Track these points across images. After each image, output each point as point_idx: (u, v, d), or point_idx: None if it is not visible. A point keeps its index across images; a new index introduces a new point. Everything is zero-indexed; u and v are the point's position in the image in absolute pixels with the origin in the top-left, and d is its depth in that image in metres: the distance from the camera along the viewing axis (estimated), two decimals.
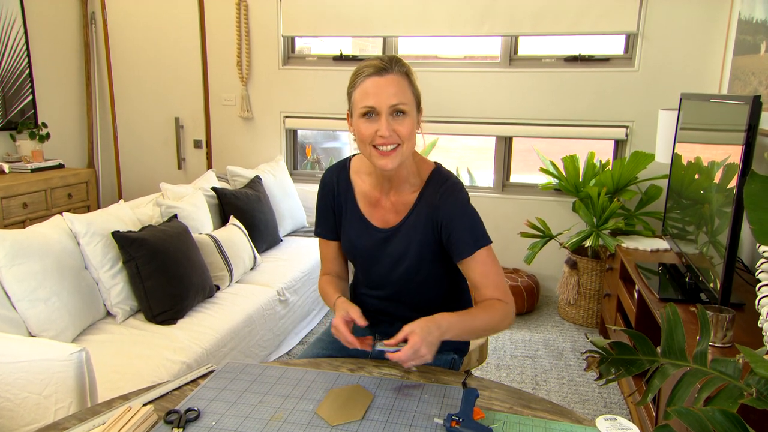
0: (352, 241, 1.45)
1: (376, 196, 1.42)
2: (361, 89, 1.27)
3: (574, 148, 3.48)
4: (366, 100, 1.26)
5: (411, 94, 1.29)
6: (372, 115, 1.27)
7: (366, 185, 1.44)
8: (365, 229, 1.43)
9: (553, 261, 3.64)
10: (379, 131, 1.26)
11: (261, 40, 3.95)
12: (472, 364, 1.80)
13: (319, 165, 4.42)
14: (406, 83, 1.28)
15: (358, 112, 1.29)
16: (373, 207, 1.43)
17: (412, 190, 1.39)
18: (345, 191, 1.46)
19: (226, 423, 1.11)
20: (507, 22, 3.47)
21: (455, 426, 1.06)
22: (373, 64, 1.27)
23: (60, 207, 3.53)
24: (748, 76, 2.67)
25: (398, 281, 1.43)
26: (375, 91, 1.25)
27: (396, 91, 1.25)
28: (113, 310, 2.26)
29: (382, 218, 1.42)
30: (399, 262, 1.40)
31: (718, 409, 0.72)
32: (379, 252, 1.42)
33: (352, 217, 1.44)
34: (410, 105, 1.28)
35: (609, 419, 0.92)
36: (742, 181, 1.77)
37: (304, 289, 3.02)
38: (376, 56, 1.31)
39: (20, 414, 1.58)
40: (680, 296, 2.11)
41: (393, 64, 1.27)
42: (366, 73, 1.27)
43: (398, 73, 1.27)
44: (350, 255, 1.49)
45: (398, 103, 1.26)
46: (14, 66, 3.74)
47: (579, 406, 2.47)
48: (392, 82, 1.26)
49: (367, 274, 1.48)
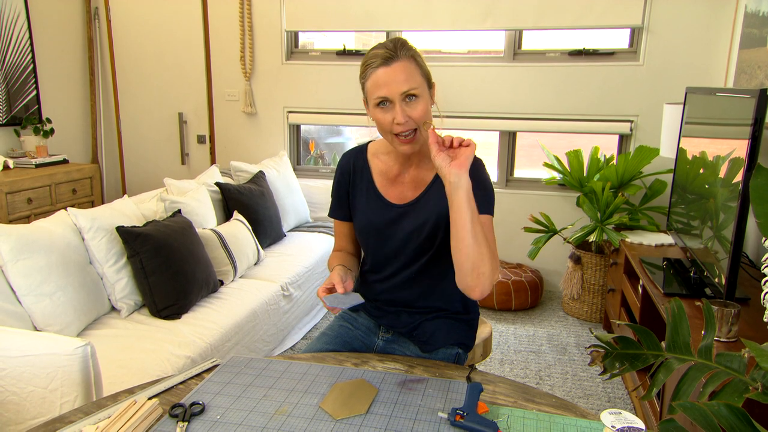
0: (368, 217, 1.47)
1: (395, 173, 1.46)
2: (371, 80, 1.31)
3: (579, 142, 3.47)
4: (378, 91, 1.30)
5: (420, 76, 1.31)
6: (386, 104, 1.31)
7: (384, 164, 1.48)
8: (381, 206, 1.46)
9: (557, 256, 3.64)
10: (395, 119, 1.30)
11: (264, 35, 3.95)
12: (476, 359, 1.80)
13: (322, 160, 4.42)
14: (414, 66, 1.30)
15: (373, 102, 1.33)
16: (391, 183, 1.46)
17: (432, 165, 1.42)
18: (361, 171, 1.50)
19: (230, 417, 1.12)
20: (510, 17, 3.46)
21: (459, 420, 1.06)
22: (380, 53, 1.30)
23: (64, 202, 3.54)
24: (755, 70, 2.65)
25: (411, 257, 1.44)
26: (385, 81, 1.28)
27: (405, 77, 1.28)
28: (118, 305, 2.27)
29: (400, 194, 1.45)
30: (412, 236, 1.42)
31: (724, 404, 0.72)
32: (394, 227, 1.44)
33: (369, 195, 1.47)
34: (421, 87, 1.31)
35: (614, 413, 0.92)
36: (748, 175, 1.76)
37: (307, 284, 3.02)
38: (381, 43, 1.33)
39: (26, 408, 1.59)
40: (685, 291, 2.10)
41: (398, 49, 1.29)
42: (374, 64, 1.30)
43: (405, 58, 1.29)
44: (364, 233, 1.50)
45: (409, 89, 1.28)
46: (18, 61, 3.75)
47: (583, 400, 2.47)
48: (400, 69, 1.28)
49: (379, 252, 1.49)
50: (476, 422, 1.05)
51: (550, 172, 3.49)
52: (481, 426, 1.04)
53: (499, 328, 3.19)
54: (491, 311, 3.42)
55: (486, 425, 1.04)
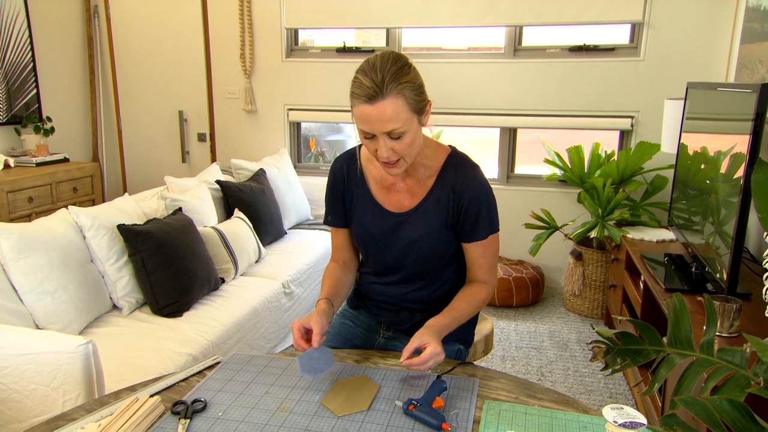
0: (365, 226, 1.45)
1: (390, 180, 1.43)
2: (356, 111, 1.24)
3: (579, 138, 3.47)
4: (362, 125, 1.24)
5: (408, 111, 1.22)
6: (370, 137, 1.26)
7: (379, 172, 1.44)
8: (379, 214, 1.43)
9: (558, 252, 3.63)
10: (379, 152, 1.26)
11: (264, 33, 3.94)
12: (478, 356, 1.80)
13: (323, 158, 4.42)
14: (401, 102, 1.21)
15: (358, 128, 1.28)
16: (387, 191, 1.43)
17: (429, 173, 1.40)
18: (356, 178, 1.46)
19: (232, 413, 1.12)
20: (511, 12, 3.45)
21: (412, 410, 1.11)
22: (365, 87, 1.20)
23: (65, 201, 3.54)
24: (756, 65, 2.64)
25: (412, 264, 1.44)
26: (368, 119, 1.22)
27: (390, 117, 1.20)
28: (119, 303, 2.27)
29: (397, 203, 1.42)
30: (413, 245, 1.41)
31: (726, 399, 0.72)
32: (393, 236, 1.42)
33: (365, 203, 1.45)
34: (407, 123, 1.23)
35: (616, 408, 0.92)
36: (750, 170, 1.76)
37: (309, 281, 3.02)
38: (370, 68, 1.22)
39: (28, 406, 1.59)
40: (686, 286, 2.10)
41: (385, 86, 1.19)
42: (359, 97, 1.22)
43: (391, 96, 1.19)
44: (362, 241, 1.48)
45: (392, 129, 1.22)
46: (18, 60, 3.74)
47: (584, 396, 2.47)
48: (384, 108, 1.20)
49: (379, 259, 1.48)
50: (425, 413, 1.10)
51: (551, 169, 3.48)
52: (429, 417, 1.09)
53: (501, 325, 3.19)
54: (492, 308, 3.43)
55: (433, 417, 1.08)
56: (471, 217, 1.38)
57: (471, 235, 1.39)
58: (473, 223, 1.38)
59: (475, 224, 1.38)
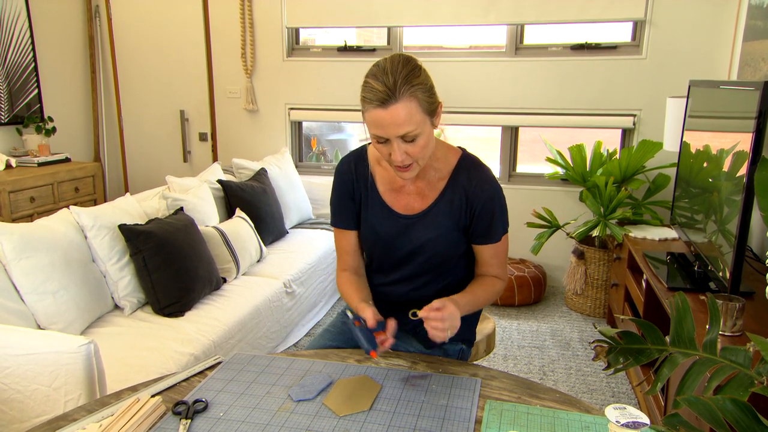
0: (374, 228, 1.44)
1: (400, 182, 1.42)
2: (368, 116, 1.23)
3: (581, 137, 3.46)
4: (375, 130, 1.23)
5: (421, 113, 1.22)
6: (384, 141, 1.25)
7: (388, 173, 1.43)
8: (388, 216, 1.42)
9: (560, 251, 3.63)
10: (392, 156, 1.25)
11: (265, 32, 3.94)
12: (480, 355, 1.80)
13: (324, 157, 4.41)
14: (415, 104, 1.20)
15: (370, 133, 1.27)
16: (397, 193, 1.42)
17: (439, 176, 1.40)
18: (365, 179, 1.45)
19: (233, 414, 1.12)
20: (512, 11, 3.44)
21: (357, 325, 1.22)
22: (377, 91, 1.19)
23: (67, 201, 3.55)
24: (759, 62, 2.63)
25: (419, 265, 1.43)
26: (381, 123, 1.21)
27: (403, 121, 1.20)
28: (121, 303, 2.27)
29: (407, 204, 1.41)
30: (422, 248, 1.41)
31: (729, 398, 0.72)
32: (401, 238, 1.42)
33: (374, 205, 1.44)
34: (421, 125, 1.22)
35: (618, 408, 0.92)
36: (753, 168, 1.75)
37: (310, 280, 3.02)
38: (382, 72, 1.21)
39: (30, 406, 1.59)
40: (689, 285, 2.09)
41: (397, 89, 1.18)
42: (372, 101, 1.20)
43: (404, 98, 1.19)
44: (369, 242, 1.47)
45: (406, 132, 1.21)
46: (20, 60, 3.75)
47: (587, 396, 2.47)
48: (398, 112, 1.19)
49: (385, 260, 1.47)
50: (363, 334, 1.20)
51: (552, 167, 3.48)
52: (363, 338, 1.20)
53: (503, 324, 3.19)
54: (494, 307, 3.42)
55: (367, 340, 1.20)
56: (485, 220, 1.38)
57: (485, 237, 1.40)
58: (487, 225, 1.39)
59: (490, 227, 1.39)
